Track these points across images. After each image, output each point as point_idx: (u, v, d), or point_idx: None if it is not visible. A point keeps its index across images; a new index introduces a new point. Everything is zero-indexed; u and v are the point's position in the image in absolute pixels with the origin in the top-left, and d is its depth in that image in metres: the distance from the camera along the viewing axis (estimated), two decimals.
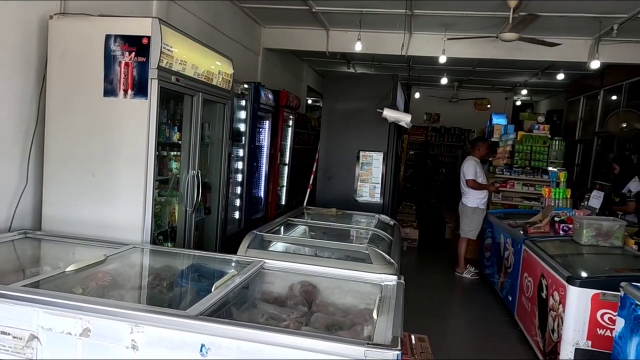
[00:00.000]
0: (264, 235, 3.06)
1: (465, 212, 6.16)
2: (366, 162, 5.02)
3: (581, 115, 10.82)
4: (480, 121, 11.58)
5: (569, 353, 3.17)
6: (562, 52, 7.33)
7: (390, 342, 1.72)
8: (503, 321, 4.73)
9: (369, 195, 5.04)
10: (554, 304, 3.44)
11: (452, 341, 4.29)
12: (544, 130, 7.52)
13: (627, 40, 7.21)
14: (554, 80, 10.29)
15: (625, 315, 2.40)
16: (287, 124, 7.31)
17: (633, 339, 2.29)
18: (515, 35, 5.68)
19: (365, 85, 5.45)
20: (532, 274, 4.07)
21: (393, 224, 4.27)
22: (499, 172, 7.37)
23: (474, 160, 6.12)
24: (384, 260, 2.74)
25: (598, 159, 9.54)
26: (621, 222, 4.16)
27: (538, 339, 3.75)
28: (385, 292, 2.36)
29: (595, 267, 3.68)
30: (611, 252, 4.03)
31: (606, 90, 9.48)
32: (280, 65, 9.01)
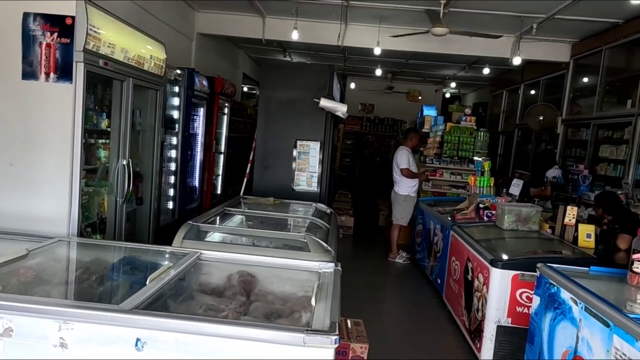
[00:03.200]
0: (200, 226, 3.01)
1: (398, 200, 6.39)
2: (303, 151, 5.05)
3: (504, 108, 11.52)
4: (413, 112, 11.99)
5: (491, 330, 3.41)
6: (488, 48, 7.76)
7: (328, 327, 1.77)
8: (433, 303, 4.99)
9: (306, 184, 5.09)
10: (479, 285, 3.67)
11: (386, 324, 4.46)
12: (470, 122, 7.93)
13: (545, 39, 7.76)
14: (480, 74, 10.85)
15: (541, 293, 2.63)
16: (223, 112, 7.16)
17: (547, 314, 2.51)
18: (445, 30, 5.93)
19: (302, 75, 5.47)
20: (459, 258, 4.32)
21: (330, 212, 4.35)
22: (429, 162, 7.70)
23: (407, 150, 6.34)
24: (322, 248, 2.79)
25: (518, 150, 10.23)
26: (538, 208, 4.51)
27: (464, 318, 4.00)
28: (323, 279, 2.41)
29: (515, 250, 3.97)
30: (529, 235, 4.36)
31: (526, 85, 10.16)
32: (215, 52, 8.78)
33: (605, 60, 7.05)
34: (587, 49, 7.53)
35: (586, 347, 2.10)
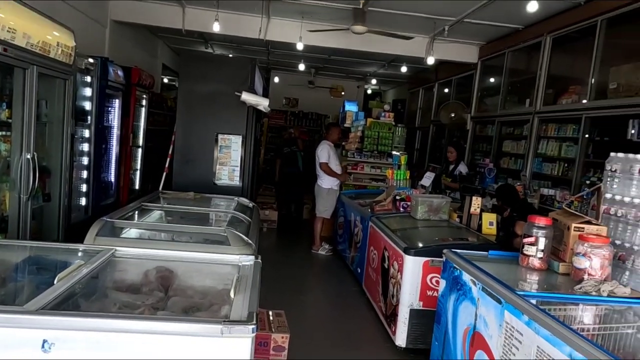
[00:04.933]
0: (115, 222, 2.91)
1: (321, 193, 6.54)
2: (225, 145, 5.01)
3: (420, 105, 12.13)
4: (336, 107, 12.25)
5: (405, 314, 3.64)
6: (405, 47, 8.12)
7: (246, 318, 1.81)
8: (353, 291, 5.19)
9: (228, 179, 5.06)
10: (394, 273, 3.89)
11: (308, 313, 4.59)
12: (389, 118, 8.28)
13: (456, 41, 8.29)
14: (399, 72, 11.34)
15: (446, 277, 2.85)
16: (140, 104, 6.88)
17: (451, 295, 2.74)
18: (364, 28, 6.13)
19: (224, 68, 5.40)
20: (377, 247, 4.54)
21: (252, 206, 4.36)
22: (351, 156, 7.94)
23: (328, 144, 6.50)
24: (242, 242, 2.81)
25: (433, 144, 10.85)
26: (447, 199, 4.85)
27: (381, 304, 4.21)
28: (243, 272, 2.44)
29: (426, 239, 4.24)
30: (440, 224, 4.68)
31: (440, 83, 10.77)
32: (132, 41, 8.38)
33: (507, 63, 7.68)
34: (492, 52, 8.14)
35: (483, 323, 2.33)
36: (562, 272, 2.60)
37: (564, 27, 6.16)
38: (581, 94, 5.81)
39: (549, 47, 6.48)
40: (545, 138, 6.50)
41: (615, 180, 2.83)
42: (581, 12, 5.77)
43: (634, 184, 2.70)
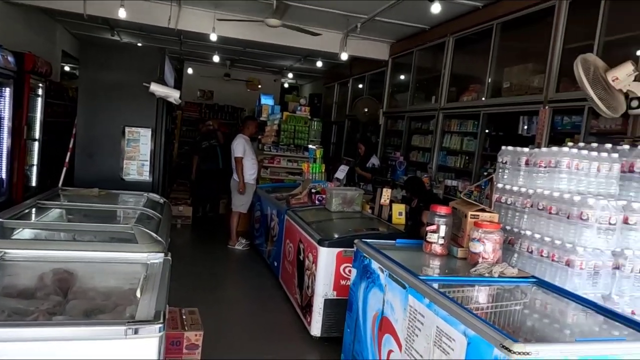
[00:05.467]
0: (5, 222, 2.66)
1: (237, 188, 6.45)
2: (133, 138, 4.77)
3: (336, 99, 12.38)
4: (253, 100, 12.12)
5: (320, 304, 3.72)
6: (319, 43, 8.22)
7: (152, 317, 1.76)
8: (270, 285, 5.20)
9: (137, 174, 4.82)
10: (309, 264, 3.96)
11: (225, 309, 4.52)
12: (305, 112, 8.36)
13: (369, 38, 8.56)
14: (315, 67, 11.46)
15: (357, 265, 2.97)
16: (36, 93, 6.30)
17: (362, 283, 2.86)
18: (279, 22, 6.13)
19: (131, 57, 5.13)
20: (293, 240, 4.59)
21: (163, 202, 4.20)
22: (267, 150, 7.91)
23: (244, 138, 6.43)
24: (151, 239, 2.70)
25: (349, 138, 11.15)
26: (360, 191, 5.02)
27: (297, 296, 4.27)
28: (152, 271, 2.35)
29: (340, 230, 4.36)
30: (353, 216, 4.83)
31: (354, 79, 11.07)
32: (25, 24, 7.65)
33: (416, 61, 8.08)
34: (402, 50, 8.52)
35: (390, 308, 2.45)
36: (461, 256, 2.82)
37: (464, 29, 6.60)
38: (480, 92, 6.28)
39: (452, 48, 6.91)
40: (449, 133, 6.95)
41: (506, 171, 3.11)
42: (480, 15, 6.23)
43: (521, 174, 2.98)
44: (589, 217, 2.41)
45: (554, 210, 2.59)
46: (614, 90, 3.78)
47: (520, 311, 2.38)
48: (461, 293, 2.47)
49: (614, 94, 3.79)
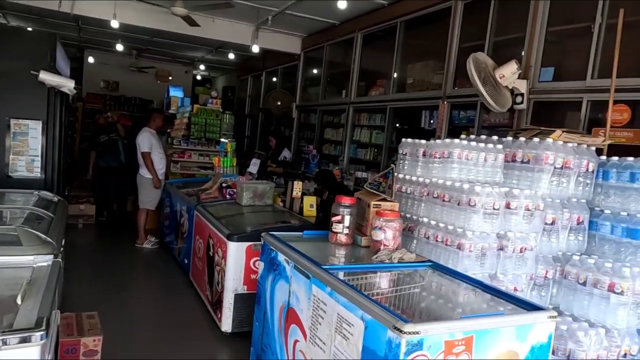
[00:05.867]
0: None
1: (143, 184, 6.15)
2: (20, 131, 4.35)
3: (249, 92, 12.24)
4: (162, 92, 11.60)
5: (230, 299, 3.67)
6: (230, 34, 8.07)
7: (34, 324, 1.62)
8: (181, 283, 5.03)
9: (27, 170, 4.41)
10: (219, 260, 3.89)
11: (131, 311, 4.30)
12: (216, 105, 8.17)
13: (281, 31, 8.55)
14: (227, 59, 11.23)
15: (264, 259, 2.96)
16: None
17: (269, 276, 2.86)
18: (184, 10, 5.91)
19: (17, 42, 4.65)
20: (202, 236, 4.47)
21: (57, 200, 3.90)
22: (177, 144, 7.63)
23: (150, 132, 6.13)
24: (38, 240, 2.49)
25: (263, 132, 11.08)
26: (271, 184, 5.01)
27: (208, 293, 4.18)
28: (38, 274, 2.17)
29: (251, 224, 4.33)
30: (265, 209, 4.81)
31: (267, 72, 11.01)
32: None
33: (327, 55, 8.21)
34: (313, 44, 8.61)
35: (295, 299, 2.48)
36: (365, 245, 2.92)
37: (372, 25, 6.83)
38: (387, 87, 6.54)
39: (360, 43, 7.12)
40: (359, 126, 7.16)
41: (406, 162, 3.27)
42: (385, 13, 6.47)
43: (419, 165, 3.16)
44: (476, 203, 2.61)
45: (447, 197, 2.77)
46: (501, 86, 4.13)
47: (418, 294, 2.53)
48: (364, 280, 2.57)
49: (501, 90, 4.13)
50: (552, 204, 2.98)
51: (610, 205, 3.09)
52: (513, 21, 4.64)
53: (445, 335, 1.74)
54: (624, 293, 2.72)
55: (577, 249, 3.11)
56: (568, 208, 3.05)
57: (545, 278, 3.01)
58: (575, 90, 3.90)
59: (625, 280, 2.72)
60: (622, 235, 3.00)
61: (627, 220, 2.98)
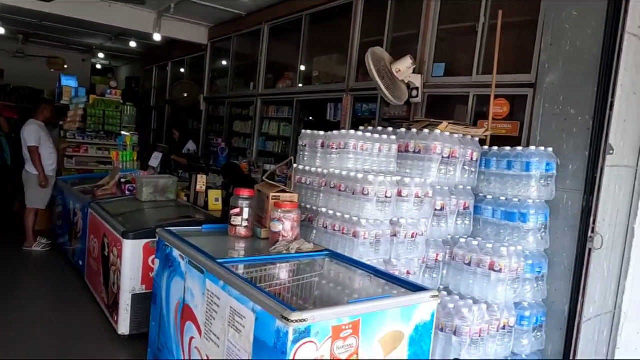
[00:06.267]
0: None
1: (31, 181, 5.63)
2: None
3: (155, 83, 11.68)
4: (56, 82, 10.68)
5: (127, 300, 3.49)
6: (129, 20, 7.62)
7: None
8: (75, 286, 4.68)
9: None
10: (114, 260, 3.67)
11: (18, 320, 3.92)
12: (116, 96, 7.68)
13: (186, 20, 8.22)
14: (129, 47, 10.59)
15: (160, 256, 2.85)
16: None
17: (165, 273, 2.75)
18: None
19: None
20: (97, 235, 4.20)
21: None
22: (71, 137, 7.07)
23: (37, 124, 5.61)
24: None
25: (170, 125, 10.63)
26: (174, 179, 4.82)
27: (104, 295, 3.94)
28: None
29: (150, 220, 4.13)
30: (167, 205, 4.62)
31: (173, 62, 10.57)
32: None
33: (234, 46, 8.06)
34: (220, 35, 8.40)
35: (190, 295, 2.41)
36: (264, 237, 2.91)
37: (278, 17, 6.81)
38: (294, 79, 6.56)
39: (267, 36, 7.07)
40: (268, 119, 7.13)
41: (305, 154, 3.31)
42: (291, 5, 6.48)
43: (318, 156, 3.20)
44: (369, 192, 2.71)
45: (343, 187, 2.84)
46: (398, 80, 4.31)
47: (315, 283, 2.57)
48: (263, 272, 2.56)
49: (398, 84, 4.31)
50: (441, 191, 3.18)
51: (491, 191, 3.36)
52: (409, 18, 4.85)
53: (332, 320, 1.78)
54: (502, 271, 2.98)
55: (465, 232, 3.35)
56: (455, 195, 3.27)
57: (436, 261, 3.21)
58: (463, 85, 4.18)
59: (503, 259, 2.98)
60: (501, 218, 3.28)
61: (505, 204, 3.27)
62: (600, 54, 3.09)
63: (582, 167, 3.17)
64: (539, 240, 3.18)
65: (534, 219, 3.16)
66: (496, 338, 3.03)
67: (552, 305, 3.28)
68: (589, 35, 3.15)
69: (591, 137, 3.12)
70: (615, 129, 3.07)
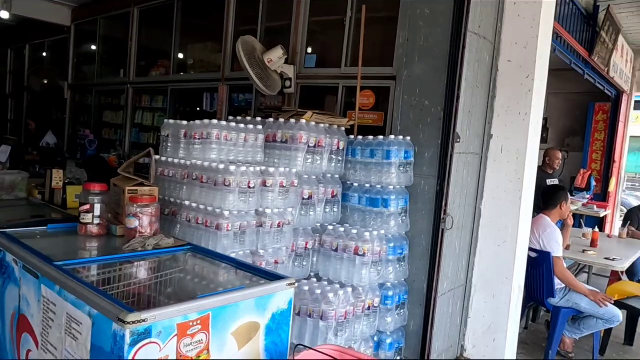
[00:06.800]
0: None
1: None
2: None
3: (10, 68, 10.36)
4: None
5: None
6: None
7: None
8: None
9: None
10: None
11: None
12: None
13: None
14: None
15: None
16: None
17: None
18: None
19: None
20: None
21: None
22: None
23: None
24: None
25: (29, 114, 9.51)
26: (24, 174, 4.29)
27: None
28: None
29: None
30: (16, 204, 4.09)
31: (32, 45, 9.44)
32: None
33: (101, 30, 7.42)
34: (85, 16, 7.68)
35: (26, 304, 2.15)
36: (120, 234, 2.70)
37: (148, 0, 6.39)
38: (168, 67, 6.23)
39: (138, 19, 6.61)
40: (141, 109, 6.70)
41: (168, 145, 3.14)
42: None
43: (181, 147, 3.06)
44: (231, 182, 2.64)
45: (205, 179, 2.74)
46: (270, 71, 4.28)
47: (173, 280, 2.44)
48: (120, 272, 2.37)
49: (270, 74, 4.29)
50: (308, 180, 3.22)
51: (357, 179, 3.50)
52: (281, 9, 4.83)
53: (178, 318, 1.70)
54: (366, 255, 3.12)
55: (334, 219, 3.45)
56: (323, 183, 3.34)
57: (306, 249, 3.26)
58: (333, 76, 4.28)
59: (366, 244, 3.12)
60: (366, 205, 3.44)
61: (369, 191, 3.42)
62: (449, 50, 3.35)
63: (436, 154, 3.42)
64: (400, 224, 3.38)
65: (394, 204, 3.35)
66: (362, 319, 3.17)
67: (413, 284, 3.52)
68: (440, 32, 3.40)
69: (442, 126, 3.38)
70: (461, 119, 3.37)
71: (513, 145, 3.58)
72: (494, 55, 3.64)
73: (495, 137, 3.67)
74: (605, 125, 9.23)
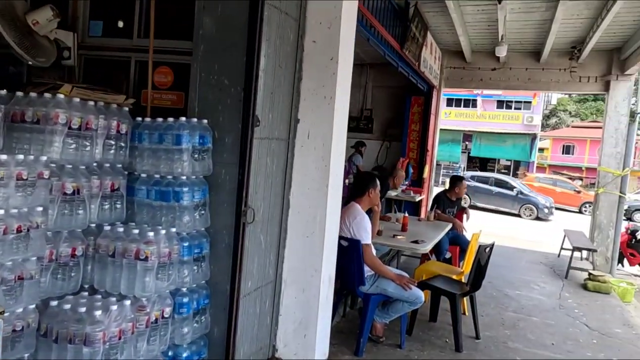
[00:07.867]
0: None
1: None
2: None
3: None
4: None
5: None
6: None
7: None
8: None
9: None
10: None
11: None
12: None
13: None
14: None
15: None
16: None
17: None
18: None
19: None
20: None
21: None
22: None
23: None
24: None
25: None
26: None
27: None
28: None
29: None
30: None
31: None
32: None
33: None
34: None
35: None
36: None
37: None
38: None
39: None
40: None
41: None
42: None
43: None
44: None
45: None
46: (38, 36, 3.44)
47: None
48: None
49: (37, 40, 3.44)
50: (72, 171, 2.58)
51: (146, 169, 2.95)
52: None
53: None
54: (149, 258, 2.61)
55: (116, 218, 2.86)
56: (98, 174, 2.73)
57: (73, 256, 2.62)
58: (123, 48, 3.63)
59: (149, 245, 2.62)
60: (156, 198, 2.92)
61: (159, 183, 2.91)
62: (247, 23, 2.99)
63: (237, 140, 3.06)
64: (197, 219, 2.95)
65: (189, 196, 2.91)
66: (147, 335, 2.67)
67: (216, 286, 3.12)
68: (237, 2, 3.03)
69: (242, 108, 3.03)
70: (262, 100, 3.06)
71: (319, 131, 3.41)
72: (299, 34, 3.40)
73: (302, 122, 3.46)
74: (420, 117, 10.06)
